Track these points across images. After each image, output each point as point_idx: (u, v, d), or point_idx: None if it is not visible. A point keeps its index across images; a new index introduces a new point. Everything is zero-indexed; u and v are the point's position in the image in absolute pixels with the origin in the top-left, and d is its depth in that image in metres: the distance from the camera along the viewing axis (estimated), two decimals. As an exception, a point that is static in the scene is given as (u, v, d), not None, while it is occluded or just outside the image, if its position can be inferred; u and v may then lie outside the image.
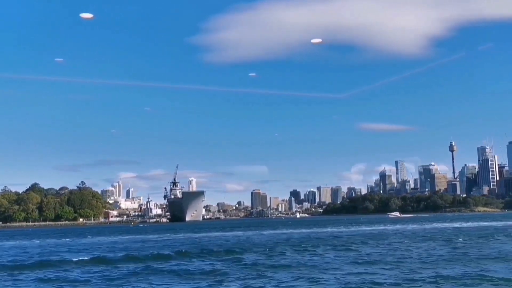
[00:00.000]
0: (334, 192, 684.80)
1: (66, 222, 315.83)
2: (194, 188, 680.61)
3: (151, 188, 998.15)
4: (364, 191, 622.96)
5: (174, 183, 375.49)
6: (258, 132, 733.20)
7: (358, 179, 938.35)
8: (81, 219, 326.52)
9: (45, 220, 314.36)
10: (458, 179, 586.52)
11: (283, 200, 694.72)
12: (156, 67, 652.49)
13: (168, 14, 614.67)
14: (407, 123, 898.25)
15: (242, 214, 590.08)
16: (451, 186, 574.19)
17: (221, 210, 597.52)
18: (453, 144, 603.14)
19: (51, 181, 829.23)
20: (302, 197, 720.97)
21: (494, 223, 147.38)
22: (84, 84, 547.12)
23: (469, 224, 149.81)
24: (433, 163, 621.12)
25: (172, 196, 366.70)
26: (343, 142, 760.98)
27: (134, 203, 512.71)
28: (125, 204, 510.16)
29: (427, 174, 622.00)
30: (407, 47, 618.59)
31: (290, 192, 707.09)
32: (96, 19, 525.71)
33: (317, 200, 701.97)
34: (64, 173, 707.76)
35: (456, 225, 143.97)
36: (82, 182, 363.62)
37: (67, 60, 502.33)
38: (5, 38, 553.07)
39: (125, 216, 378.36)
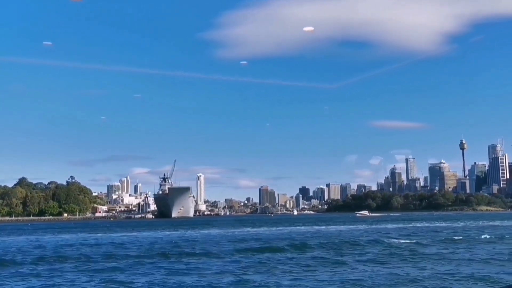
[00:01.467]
0: (344, 189, 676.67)
1: (50, 217, 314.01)
2: (202, 184, 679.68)
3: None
4: (374, 189, 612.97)
5: (164, 179, 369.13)
6: (273, 129, 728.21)
7: (369, 176, 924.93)
8: (66, 214, 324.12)
9: (28, 215, 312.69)
10: (467, 178, 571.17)
11: (291, 197, 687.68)
12: (168, 61, 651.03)
13: (179, 10, 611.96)
14: (419, 121, 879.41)
15: (248, 211, 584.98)
16: (461, 184, 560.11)
17: (227, 207, 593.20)
18: (464, 142, 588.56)
19: (64, 176, 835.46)
20: (311, 194, 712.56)
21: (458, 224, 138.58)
22: (86, 71, 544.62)
23: (434, 224, 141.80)
24: (443, 161, 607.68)
25: (161, 192, 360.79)
26: (355, 139, 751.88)
27: (139, 198, 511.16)
28: (129, 199, 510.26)
29: (437, 172, 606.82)
30: (420, 43, 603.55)
31: (299, 189, 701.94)
32: (107, 12, 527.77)
33: (326, 197, 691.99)
34: (77, 168, 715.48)
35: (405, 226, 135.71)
36: (71, 176, 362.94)
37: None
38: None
39: (113, 212, 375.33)
